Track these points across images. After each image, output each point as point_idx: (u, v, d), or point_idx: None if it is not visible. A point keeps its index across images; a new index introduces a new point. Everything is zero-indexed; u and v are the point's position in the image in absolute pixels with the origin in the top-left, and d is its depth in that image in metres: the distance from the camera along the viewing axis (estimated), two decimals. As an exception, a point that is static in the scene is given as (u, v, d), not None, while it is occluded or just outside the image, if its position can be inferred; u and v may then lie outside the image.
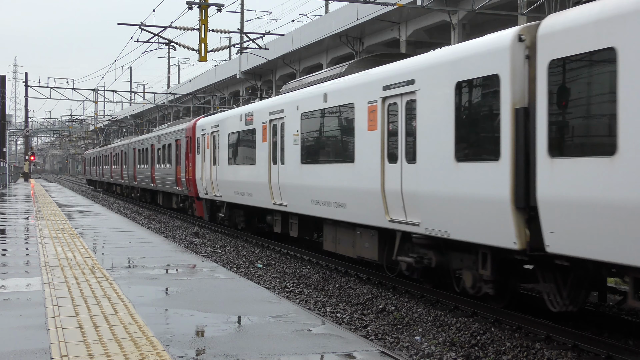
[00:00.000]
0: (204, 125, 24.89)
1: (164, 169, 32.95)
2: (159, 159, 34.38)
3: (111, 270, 10.91)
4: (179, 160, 29.56)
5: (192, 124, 26.77)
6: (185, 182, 27.82)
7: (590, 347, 9.02)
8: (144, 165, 38.54)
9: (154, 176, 35.55)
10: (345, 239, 14.67)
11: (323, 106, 15.02)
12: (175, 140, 30.30)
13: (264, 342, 6.59)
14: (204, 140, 24.74)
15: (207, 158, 24.17)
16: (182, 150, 28.77)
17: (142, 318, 7.52)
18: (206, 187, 24.25)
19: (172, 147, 31.06)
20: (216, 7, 24.46)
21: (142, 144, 39.41)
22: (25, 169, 71.30)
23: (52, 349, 6.26)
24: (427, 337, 10.15)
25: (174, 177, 30.25)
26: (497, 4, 28.87)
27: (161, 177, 33.65)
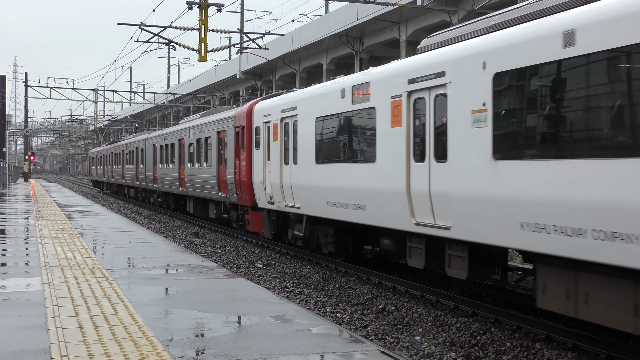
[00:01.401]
0: (267, 110, 18.57)
1: (199, 169, 26.27)
2: (191, 157, 27.79)
3: (111, 270, 10.91)
4: (221, 159, 23.37)
5: (245, 109, 20.48)
6: (235, 186, 21.23)
7: (590, 347, 9.02)
8: (168, 164, 32.33)
9: (183, 178, 29.07)
10: None
11: None
12: (218, 132, 23.74)
13: (264, 342, 6.58)
14: (267, 130, 18.54)
15: (273, 154, 17.90)
16: (227, 145, 22.46)
17: (142, 318, 7.51)
18: (271, 194, 17.98)
19: (211, 142, 24.58)
20: (216, 7, 24.47)
21: (166, 138, 32.84)
22: (25, 169, 71.30)
23: (52, 349, 6.26)
24: (427, 337, 10.15)
25: (215, 180, 23.78)
26: (496, 3, 28.88)
27: (195, 180, 26.92)
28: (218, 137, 23.68)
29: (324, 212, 14.96)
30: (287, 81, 53.07)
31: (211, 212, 25.76)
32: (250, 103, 20.35)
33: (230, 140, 22.08)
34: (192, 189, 27.49)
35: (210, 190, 24.61)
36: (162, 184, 33.63)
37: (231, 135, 21.90)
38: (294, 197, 16.54)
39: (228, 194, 22.32)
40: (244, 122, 20.43)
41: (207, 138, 25.34)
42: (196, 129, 27.01)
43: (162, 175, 33.55)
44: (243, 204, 20.84)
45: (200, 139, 26.23)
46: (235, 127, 21.40)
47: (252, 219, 20.34)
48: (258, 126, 19.17)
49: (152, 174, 35.93)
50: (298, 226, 17.21)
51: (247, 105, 20.58)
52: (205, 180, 25.29)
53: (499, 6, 29.19)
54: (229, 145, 22.21)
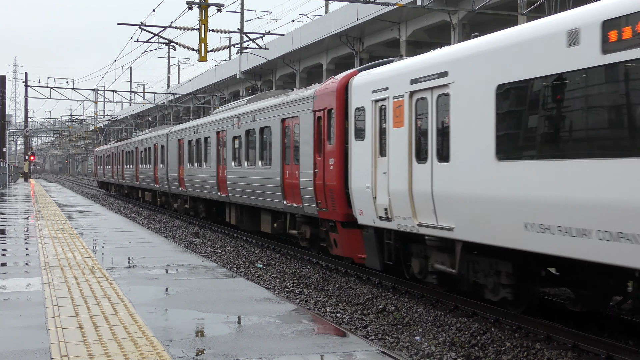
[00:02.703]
0: (380, 82, 13.03)
1: (250, 169, 20.51)
2: (236, 154, 22.12)
3: (111, 270, 10.91)
4: (288, 155, 17.70)
5: (334, 85, 15.00)
6: (316, 193, 15.59)
7: (590, 347, 9.02)
8: (201, 164, 26.36)
9: (222, 180, 23.29)
10: None
11: None
12: (283, 120, 17.95)
13: (264, 342, 6.58)
14: (378, 112, 13.10)
15: (395, 147, 12.46)
16: (299, 137, 16.75)
17: (142, 318, 7.51)
18: (388, 206, 12.58)
19: (271, 133, 18.87)
20: (216, 7, 24.48)
21: (198, 132, 26.79)
22: (25, 169, 71.31)
23: (52, 349, 6.26)
24: (427, 337, 10.16)
25: (278, 184, 18.06)
26: (497, 4, 28.88)
27: (243, 183, 21.19)
28: (282, 126, 17.90)
29: (513, 239, 9.59)
30: (287, 81, 53.11)
31: (265, 224, 20.17)
32: (343, 76, 14.87)
33: (304, 130, 16.30)
34: (237, 194, 21.63)
35: (268, 197, 18.84)
36: (192, 187, 27.43)
37: (307, 122, 16.19)
38: (439, 212, 11.06)
39: (299, 202, 16.66)
40: (331, 102, 14.89)
41: (263, 128, 19.59)
42: (245, 118, 21.05)
43: (192, 177, 27.35)
44: (327, 218, 15.21)
45: (252, 130, 20.41)
46: (314, 112, 15.69)
47: (342, 238, 14.77)
48: (360, 107, 13.61)
49: (177, 175, 29.85)
50: (440, 256, 11.55)
51: (338, 79, 15.02)
52: (260, 184, 19.46)
53: (499, 6, 29.21)
54: (302, 136, 16.44)
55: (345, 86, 14.59)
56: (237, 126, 21.96)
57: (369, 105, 13.40)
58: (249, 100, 22.66)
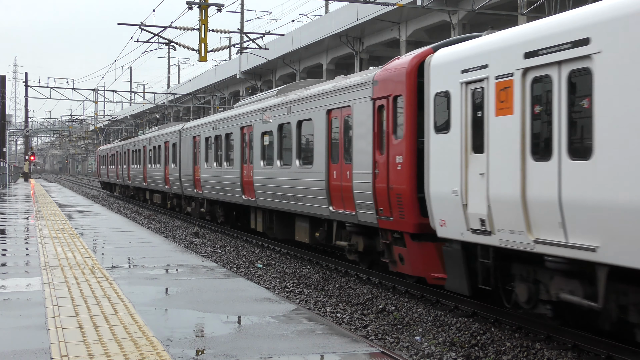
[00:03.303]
0: (473, 59, 10.50)
1: (283, 169, 17.81)
2: (265, 152, 19.33)
3: (111, 270, 10.91)
4: (335, 153, 15.01)
5: (403, 66, 12.48)
6: (376, 197, 13.10)
7: (590, 347, 9.02)
8: (221, 163, 23.46)
9: (249, 181, 20.38)
10: None
11: None
12: (329, 111, 15.25)
13: (264, 342, 6.58)
14: (469, 97, 10.59)
15: (497, 141, 9.96)
16: (352, 131, 14.16)
17: (142, 318, 7.51)
18: (487, 216, 10.03)
19: (312, 127, 16.05)
20: (216, 7, 24.48)
21: (217, 127, 23.97)
22: (25, 169, 71.31)
23: (52, 349, 6.26)
24: (427, 337, 10.16)
25: (324, 186, 15.28)
26: (497, 4, 28.90)
27: (274, 186, 18.35)
28: (328, 118, 15.23)
29: None
30: (287, 81, 53.11)
31: (301, 233, 17.42)
32: (414, 55, 12.39)
33: (359, 122, 13.78)
34: (266, 198, 18.88)
35: (307, 202, 16.18)
36: (209, 189, 24.69)
37: (362, 113, 13.65)
38: (572, 226, 8.58)
39: (350, 208, 14.12)
40: (399, 88, 12.41)
41: (302, 122, 16.80)
42: (278, 110, 18.20)
43: (209, 178, 24.65)
44: (391, 228, 12.72)
45: (287, 124, 17.61)
46: (374, 100, 13.17)
47: (412, 253, 12.23)
48: (443, 92, 11.11)
49: (192, 176, 27.14)
50: (569, 284, 9.02)
51: (406, 59, 12.58)
52: (297, 187, 16.75)
53: (499, 6, 29.22)
54: (355, 130, 13.91)
55: (418, 67, 12.14)
56: (267, 120, 19.01)
57: (456, 88, 10.77)
58: (279, 91, 19.74)
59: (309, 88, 17.20)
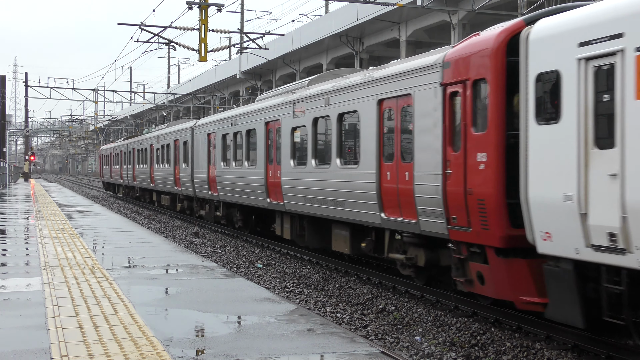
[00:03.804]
0: (594, 29, 8.43)
1: (324, 170, 15.40)
2: (297, 150, 17.15)
3: (111, 270, 10.91)
4: (386, 152, 13.04)
5: (491, 42, 10.19)
6: (447, 204, 11.00)
7: (590, 347, 9.02)
8: (239, 163, 21.47)
9: (276, 183, 18.16)
10: None
11: None
12: (380, 101, 13.14)
13: (264, 342, 6.59)
14: (589, 77, 8.49)
15: (632, 133, 7.86)
16: (408, 125, 12.27)
17: (142, 318, 7.52)
18: (622, 229, 7.88)
19: (358, 121, 13.89)
20: (216, 7, 24.49)
21: (235, 123, 21.78)
22: (25, 169, 71.32)
23: (52, 349, 6.26)
24: (427, 337, 10.16)
25: (374, 189, 13.12)
26: (497, 4, 28.91)
27: (308, 188, 16.07)
28: (379, 110, 13.08)
29: None
30: (287, 81, 53.10)
31: (339, 242, 15.33)
32: (502, 30, 10.14)
33: (422, 113, 11.63)
34: (297, 202, 16.62)
35: (350, 207, 14.09)
36: (226, 191, 22.54)
37: (427, 102, 11.50)
38: None
39: (410, 215, 11.99)
40: (482, 69, 10.24)
41: (343, 115, 14.68)
42: (313, 102, 15.96)
43: (227, 179, 22.45)
44: (468, 241, 10.58)
45: (324, 117, 15.47)
46: (444, 86, 11.04)
47: (497, 271, 10.09)
48: (550, 71, 9.03)
49: (206, 176, 24.94)
50: None
51: (492, 34, 10.26)
52: (336, 189, 14.65)
53: (499, 6, 29.23)
54: (417, 122, 11.76)
55: (507, 43, 9.94)
56: (298, 114, 16.74)
57: (570, 66, 8.64)
58: (311, 82, 17.55)
59: (349, 76, 15.06)
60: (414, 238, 12.33)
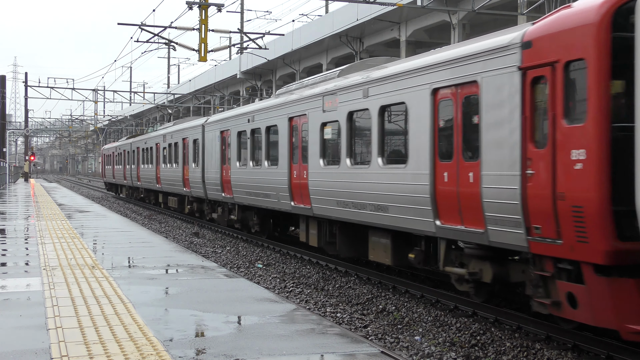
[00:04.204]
0: None
1: (363, 170, 13.65)
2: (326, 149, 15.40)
3: (111, 270, 10.91)
4: (442, 149, 11.30)
5: (592, 15, 8.38)
6: (527, 210, 9.30)
7: (590, 347, 9.02)
8: (257, 163, 19.82)
9: (301, 184, 16.41)
10: None
11: None
12: (435, 91, 11.37)
13: (264, 342, 6.59)
14: None
15: None
16: (472, 117, 10.64)
17: (142, 318, 7.52)
18: None
19: (406, 114, 12.20)
20: (216, 7, 24.49)
21: (254, 119, 20.01)
22: (25, 169, 71.32)
23: (52, 349, 6.26)
24: (427, 337, 10.16)
25: (428, 192, 11.44)
26: (497, 4, 28.91)
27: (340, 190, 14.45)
28: (434, 101, 11.32)
29: None
30: (287, 81, 53.11)
31: (377, 251, 13.69)
32: (602, 1, 8.45)
33: (491, 104, 9.99)
34: (328, 205, 14.94)
35: (394, 212, 12.42)
36: (242, 193, 20.67)
37: (499, 90, 9.85)
38: None
39: (475, 224, 10.27)
40: (578, 48, 8.61)
41: (386, 108, 12.95)
42: (347, 94, 14.20)
43: (243, 180, 20.62)
44: (558, 256, 8.93)
45: (362, 111, 13.76)
46: (524, 69, 9.38)
47: (597, 293, 8.45)
48: None
49: (219, 177, 23.09)
50: None
51: (591, 4, 8.61)
52: (379, 192, 12.89)
53: (499, 6, 29.23)
54: (485, 114, 10.11)
55: (613, 15, 8.25)
56: (329, 107, 14.95)
57: None
58: (342, 72, 15.85)
59: (387, 65, 13.50)
60: (479, 250, 10.59)
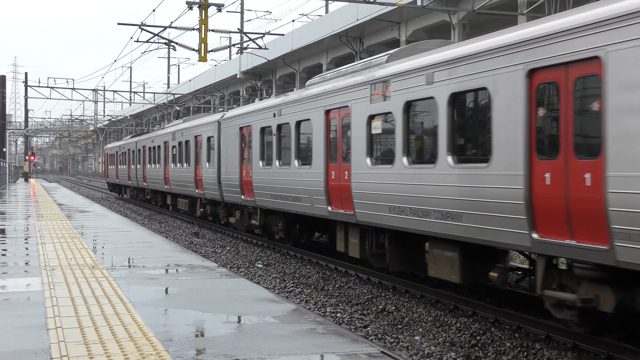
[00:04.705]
0: None
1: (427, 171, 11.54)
2: (377, 145, 13.39)
3: (111, 270, 10.91)
4: (555, 143, 8.88)
5: None
6: None
7: (590, 347, 9.02)
8: (285, 162, 17.69)
9: (341, 186, 14.44)
10: None
11: None
12: (531, 71, 9.22)
13: (264, 342, 6.58)
14: None
15: None
16: (600, 102, 8.16)
17: (142, 318, 7.51)
18: None
19: (489, 100, 10.04)
20: (216, 7, 24.49)
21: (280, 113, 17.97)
22: (25, 169, 71.32)
23: (52, 349, 6.26)
24: (427, 337, 10.16)
25: (522, 198, 9.28)
26: (497, 4, 28.92)
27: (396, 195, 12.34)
28: (529, 86, 9.39)
29: None
30: (287, 81, 53.16)
31: (442, 267, 11.51)
32: None
33: (630, 83, 7.78)
34: (377, 211, 12.87)
35: (471, 221, 10.35)
36: (267, 196, 18.54)
37: None
38: None
39: (595, 239, 8.28)
40: None
41: (457, 95, 10.99)
42: (401, 82, 12.30)
43: (268, 181, 18.51)
44: None
45: (423, 101, 11.83)
46: None
47: None
48: None
49: (238, 178, 20.98)
50: None
51: None
52: (450, 197, 10.84)
53: (499, 6, 29.23)
54: (612, 97, 8.00)
55: None
56: (379, 97, 12.90)
57: None
58: (391, 57, 13.71)
59: (457, 45, 11.28)
60: (596, 271, 8.51)
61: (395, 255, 13.16)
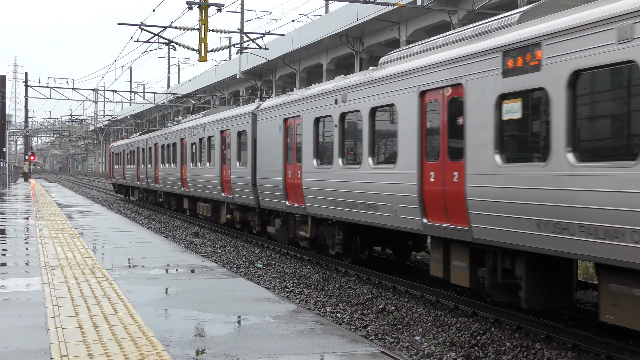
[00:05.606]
0: None
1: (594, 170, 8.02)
2: (504, 136, 9.68)
3: (111, 270, 10.91)
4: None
5: None
6: None
7: (590, 347, 9.02)
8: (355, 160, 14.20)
9: (446, 193, 10.99)
10: None
11: None
12: None
13: (264, 342, 6.58)
14: None
15: None
16: None
17: (142, 318, 7.51)
18: None
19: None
20: (216, 7, 24.50)
21: (346, 99, 14.31)
22: (25, 169, 71.32)
23: (52, 349, 6.26)
24: (427, 337, 10.16)
25: None
26: (497, 4, 28.92)
27: (539, 204, 8.80)
28: None
29: None
30: (287, 81, 53.15)
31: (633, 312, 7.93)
32: None
33: None
34: (505, 226, 9.54)
35: None
36: (324, 202, 15.25)
37: None
38: None
39: None
40: None
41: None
42: (569, 42, 8.43)
43: (323, 185, 15.31)
44: None
45: (596, 70, 8.15)
46: None
47: None
48: None
49: (282, 180, 17.58)
50: None
51: None
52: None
53: (499, 7, 29.22)
54: None
55: None
56: (518, 70, 9.33)
57: None
58: (524, 15, 10.44)
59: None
60: None
61: (537, 290, 9.65)
